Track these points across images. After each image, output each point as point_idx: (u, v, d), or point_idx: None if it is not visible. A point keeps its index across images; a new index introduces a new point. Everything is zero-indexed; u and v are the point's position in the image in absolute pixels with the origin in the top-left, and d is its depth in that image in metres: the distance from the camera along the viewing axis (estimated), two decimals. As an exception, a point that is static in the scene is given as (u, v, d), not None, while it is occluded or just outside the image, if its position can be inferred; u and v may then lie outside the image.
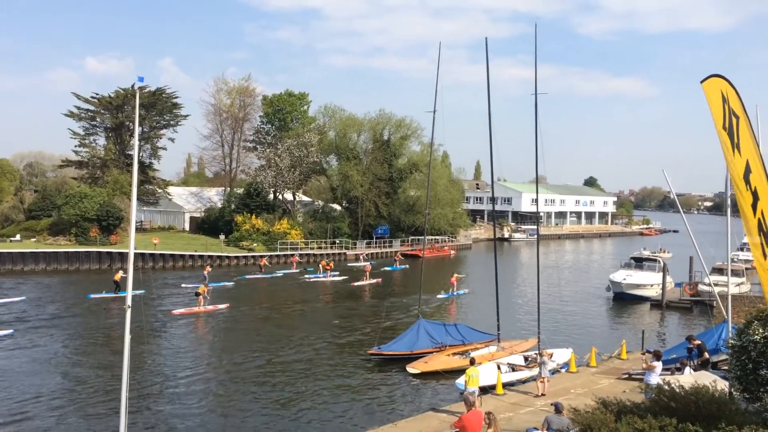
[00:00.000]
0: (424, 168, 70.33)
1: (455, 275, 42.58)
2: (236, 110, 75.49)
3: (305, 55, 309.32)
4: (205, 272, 41.07)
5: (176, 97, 67.59)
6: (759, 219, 6.37)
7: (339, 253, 62.47)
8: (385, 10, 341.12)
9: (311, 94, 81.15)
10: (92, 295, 36.08)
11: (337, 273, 49.30)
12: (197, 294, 34.35)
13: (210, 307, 34.02)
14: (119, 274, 36.43)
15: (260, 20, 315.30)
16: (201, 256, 53.41)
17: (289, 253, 58.61)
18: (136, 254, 12.52)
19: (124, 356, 9.85)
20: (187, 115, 70.31)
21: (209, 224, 66.68)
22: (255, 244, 58.98)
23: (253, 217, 62.53)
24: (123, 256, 47.00)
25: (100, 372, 22.12)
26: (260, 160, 71.85)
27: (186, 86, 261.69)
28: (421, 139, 74.28)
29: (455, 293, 41.19)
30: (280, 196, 71.99)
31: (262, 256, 54.05)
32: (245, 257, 56.18)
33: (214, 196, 77.54)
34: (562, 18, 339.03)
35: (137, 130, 13.19)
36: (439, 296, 39.96)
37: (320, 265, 49.65)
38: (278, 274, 49.51)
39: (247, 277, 47.39)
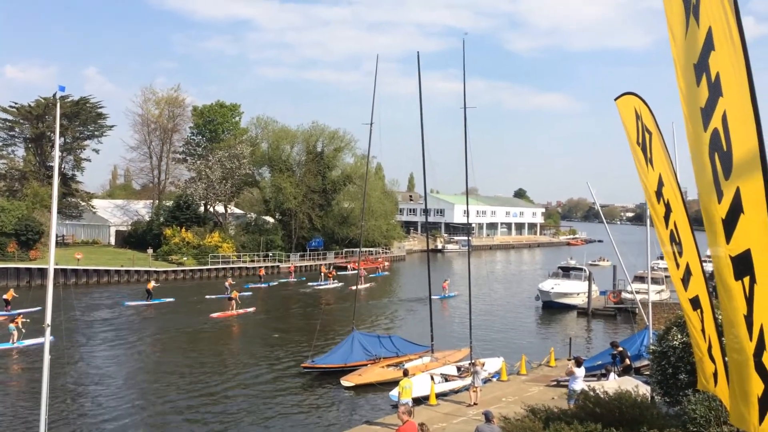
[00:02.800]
0: (357, 180, 70.49)
1: (446, 280, 47.95)
2: (165, 121, 73.59)
3: (237, 65, 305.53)
4: (227, 284, 43.16)
5: (101, 107, 65.51)
6: (671, 230, 6.68)
7: (272, 266, 61.66)
8: (319, 23, 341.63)
9: (243, 105, 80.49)
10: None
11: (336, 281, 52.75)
12: (230, 299, 38.24)
13: (225, 314, 36.85)
14: (151, 284, 41.76)
15: (190, 30, 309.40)
16: (127, 272, 51.61)
17: (220, 267, 57.43)
18: (56, 270, 11.97)
19: (43, 380, 9.38)
20: (113, 126, 68.34)
21: (136, 238, 64.62)
22: (185, 258, 57.47)
23: (183, 230, 60.99)
24: (43, 273, 44.86)
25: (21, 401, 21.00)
26: (190, 171, 70.29)
27: (112, 96, 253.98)
28: (354, 151, 74.62)
29: (447, 295, 45.94)
30: (212, 209, 70.58)
31: (260, 267, 57.15)
32: (174, 272, 54.65)
33: (142, 208, 75.19)
34: (492, 34, 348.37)
35: (57, 140, 12.72)
36: (433, 297, 40.87)
37: (322, 273, 54.90)
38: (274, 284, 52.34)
39: (251, 286, 48.53)
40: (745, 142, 3.67)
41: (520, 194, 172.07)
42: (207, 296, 43.31)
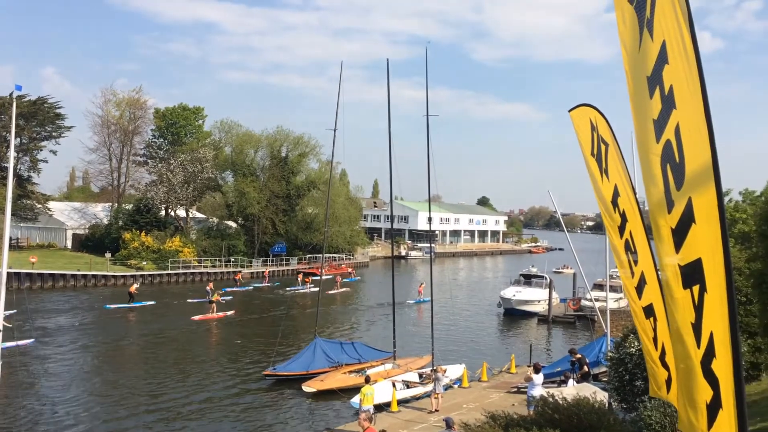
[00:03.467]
0: (322, 185, 70.26)
1: (422, 284, 49.19)
2: (126, 123, 72.29)
3: (201, 69, 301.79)
4: (209, 288, 41.98)
5: (59, 108, 63.88)
6: (626, 239, 6.84)
7: (234, 272, 60.97)
8: (284, 28, 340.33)
9: (207, 108, 79.01)
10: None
11: (312, 285, 52.91)
12: (210, 302, 38.70)
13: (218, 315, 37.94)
14: (134, 287, 42.00)
15: (153, 32, 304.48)
16: (84, 276, 50.41)
17: (181, 272, 56.57)
18: (10, 274, 11.63)
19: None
20: (72, 127, 66.58)
21: (94, 242, 63.17)
22: (144, 263, 56.41)
23: (143, 234, 59.89)
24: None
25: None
26: (151, 175, 69.08)
27: (71, 97, 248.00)
28: (319, 157, 74.37)
29: (423, 300, 46.52)
30: (173, 213, 69.50)
31: (237, 272, 57.60)
32: (133, 276, 53.59)
33: (101, 212, 73.57)
34: (457, 43, 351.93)
35: (13, 141, 12.35)
36: (409, 302, 45.94)
37: (299, 278, 55.75)
38: (249, 288, 52.80)
39: (227, 290, 47.99)
40: (698, 153, 3.76)
41: (483, 202, 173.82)
42: (189, 300, 43.71)
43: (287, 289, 52.96)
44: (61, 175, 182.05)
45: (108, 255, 55.51)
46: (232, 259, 62.96)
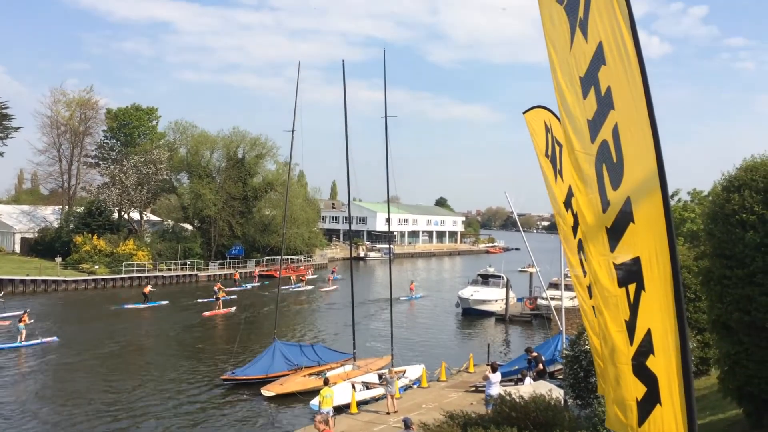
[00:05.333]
0: (279, 187, 69.74)
1: (413, 282, 53.40)
2: (76, 123, 70.31)
3: (154, 68, 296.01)
4: (216, 287, 43.83)
5: (6, 108, 61.92)
6: (579, 239, 6.98)
7: (190, 275, 60.01)
8: (239, 28, 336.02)
9: (161, 109, 77.77)
10: None
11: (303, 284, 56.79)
12: (217, 298, 41.84)
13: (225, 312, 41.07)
14: (148, 288, 44.95)
15: (105, 30, 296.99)
16: (33, 281, 48.89)
17: (135, 276, 55.38)
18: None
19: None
20: (19, 128, 64.68)
21: (44, 246, 61.31)
22: (96, 267, 55.02)
23: (95, 237, 58.39)
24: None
25: None
26: (103, 176, 67.46)
27: (19, 96, 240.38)
28: (276, 158, 73.85)
29: (414, 296, 50.52)
30: (126, 216, 68.00)
31: (233, 273, 58.74)
32: (85, 281, 52.21)
33: (50, 215, 71.41)
34: (413, 45, 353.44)
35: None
36: (402, 298, 49.18)
37: (292, 278, 59.05)
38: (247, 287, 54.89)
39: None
40: (640, 154, 3.74)
41: (441, 203, 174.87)
42: (198, 300, 45.72)
43: (284, 287, 53.07)
44: (9, 177, 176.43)
45: (58, 259, 53.95)
46: (188, 262, 61.94)
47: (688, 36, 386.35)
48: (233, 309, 42.21)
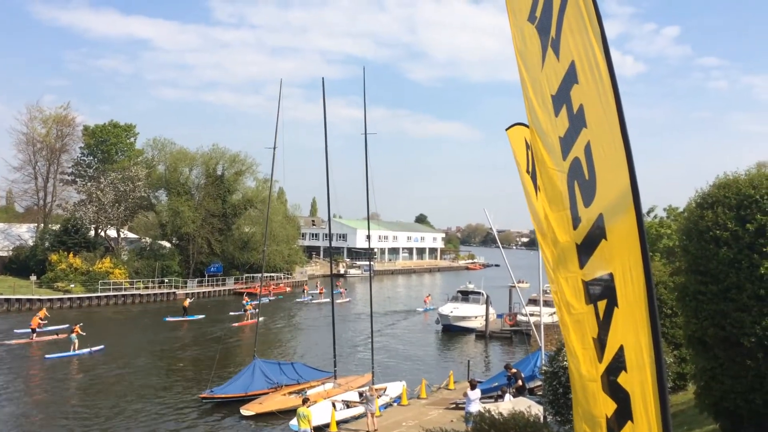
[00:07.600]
0: (258, 204, 69.49)
1: (428, 295, 59.08)
2: (52, 140, 69.59)
3: (133, 86, 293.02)
4: (244, 300, 48.81)
5: (-19, 124, 61.15)
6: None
7: (168, 293, 59.30)
8: (219, 46, 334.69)
9: (139, 126, 77.21)
10: None
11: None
12: (245, 310, 46.23)
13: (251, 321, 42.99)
14: (187, 301, 48.34)
15: (82, 47, 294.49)
16: (7, 300, 48.00)
17: (111, 294, 54.59)
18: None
19: None
20: (-6, 144, 63.90)
21: (18, 264, 60.32)
22: (72, 285, 54.20)
23: (71, 255, 57.58)
24: None
25: None
26: (80, 194, 66.63)
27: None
28: (256, 175, 73.66)
29: (429, 308, 54.03)
30: (103, 233, 67.21)
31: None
32: (60, 300, 51.34)
33: (25, 233, 70.29)
34: (393, 64, 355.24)
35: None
36: (418, 309, 54.65)
37: (304, 290, 64.01)
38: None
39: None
40: (612, 171, 3.72)
41: (421, 219, 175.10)
42: (231, 312, 49.33)
43: (305, 299, 61.72)
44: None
45: (33, 278, 53.06)
46: (166, 280, 61.28)
47: (662, 55, 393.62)
48: (261, 319, 42.13)
